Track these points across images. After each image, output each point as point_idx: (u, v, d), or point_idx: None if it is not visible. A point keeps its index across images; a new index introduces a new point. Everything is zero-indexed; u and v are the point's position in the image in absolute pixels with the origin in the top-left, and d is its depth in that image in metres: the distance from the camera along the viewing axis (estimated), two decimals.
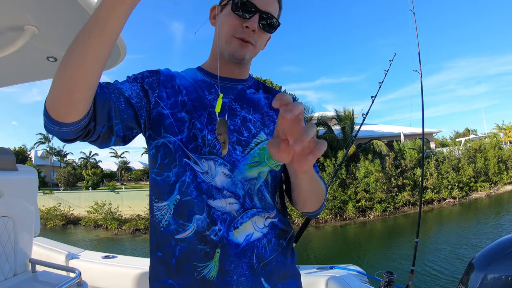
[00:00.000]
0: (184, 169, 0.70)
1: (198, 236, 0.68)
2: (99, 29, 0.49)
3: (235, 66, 0.80)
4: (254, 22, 0.72)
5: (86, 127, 0.58)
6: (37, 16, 1.07)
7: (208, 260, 0.67)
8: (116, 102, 0.63)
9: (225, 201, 0.69)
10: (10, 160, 1.59)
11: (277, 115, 0.80)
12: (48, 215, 20.13)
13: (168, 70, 0.79)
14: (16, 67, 1.53)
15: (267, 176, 0.75)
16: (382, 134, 24.20)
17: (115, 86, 0.66)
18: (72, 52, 0.50)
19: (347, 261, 3.16)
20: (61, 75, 0.51)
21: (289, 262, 0.78)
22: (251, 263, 0.69)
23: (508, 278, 0.81)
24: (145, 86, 0.71)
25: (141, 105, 0.69)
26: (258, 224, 0.72)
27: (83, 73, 0.50)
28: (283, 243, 0.77)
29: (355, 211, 15.72)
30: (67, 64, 0.50)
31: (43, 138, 37.12)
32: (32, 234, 1.71)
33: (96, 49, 0.50)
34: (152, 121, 0.71)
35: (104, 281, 1.87)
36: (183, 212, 0.69)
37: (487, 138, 21.01)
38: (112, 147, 0.69)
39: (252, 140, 0.74)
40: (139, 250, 13.45)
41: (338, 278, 1.59)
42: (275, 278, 0.73)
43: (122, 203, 19.34)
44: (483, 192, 17.53)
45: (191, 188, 0.69)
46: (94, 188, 26.55)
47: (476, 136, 27.68)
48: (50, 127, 0.55)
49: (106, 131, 0.62)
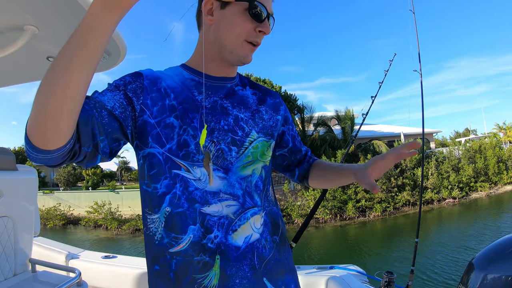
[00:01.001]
0: (174, 181, 0.67)
1: (194, 247, 0.66)
2: (83, 53, 0.46)
3: (228, 67, 0.77)
4: (269, 27, 0.71)
5: (71, 150, 0.55)
6: (37, 16, 1.07)
7: (208, 270, 0.66)
8: (98, 118, 0.59)
9: (221, 205, 0.68)
10: (10, 160, 1.59)
11: (266, 112, 0.81)
12: (48, 215, 20.13)
13: (151, 71, 0.73)
14: (16, 67, 1.53)
15: (261, 171, 0.75)
16: (382, 134, 24.21)
17: (96, 99, 0.61)
18: (52, 79, 0.47)
19: (347, 261, 3.16)
20: (41, 103, 0.47)
21: (285, 258, 0.78)
22: (252, 264, 0.68)
23: (508, 278, 0.81)
24: (129, 94, 0.66)
25: (126, 115, 0.64)
26: (255, 225, 0.71)
27: (66, 101, 0.47)
28: (276, 238, 0.77)
29: (355, 211, 15.72)
30: (47, 92, 0.47)
31: None
32: (32, 234, 1.71)
33: (80, 75, 0.47)
34: (138, 130, 0.67)
35: (104, 281, 1.87)
36: (174, 224, 0.66)
37: (487, 138, 21.01)
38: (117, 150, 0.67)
39: (246, 139, 0.73)
40: (139, 250, 13.45)
41: (338, 278, 1.58)
42: (275, 275, 0.73)
43: (122, 203, 19.34)
44: (483, 192, 17.53)
45: (182, 200, 0.67)
46: (94, 188, 26.55)
47: (476, 136, 27.70)
48: (34, 156, 0.52)
49: (92, 150, 0.60)
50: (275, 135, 0.82)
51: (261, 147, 0.75)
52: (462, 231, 11.95)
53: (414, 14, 3.06)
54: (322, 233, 14.65)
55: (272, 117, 0.82)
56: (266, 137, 0.77)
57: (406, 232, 12.77)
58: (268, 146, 0.77)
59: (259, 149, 0.75)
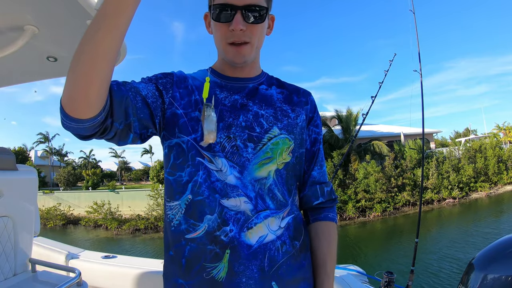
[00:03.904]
0: (197, 169, 0.69)
1: (209, 236, 0.67)
2: (107, 24, 0.49)
3: (243, 68, 0.79)
4: (237, 22, 0.68)
5: (103, 123, 0.59)
6: (37, 16, 1.07)
7: (218, 261, 0.66)
8: (133, 100, 0.64)
9: (240, 200, 0.68)
10: (10, 160, 1.58)
11: (291, 109, 0.79)
12: (48, 215, 20.13)
13: (181, 72, 0.79)
14: (16, 67, 1.53)
15: (275, 175, 0.73)
16: (382, 134, 24.20)
17: (132, 85, 0.67)
18: (82, 49, 0.50)
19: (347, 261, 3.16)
20: (73, 73, 0.52)
21: (303, 265, 0.75)
22: (262, 265, 0.67)
23: (508, 278, 0.81)
24: (159, 87, 0.72)
25: (156, 105, 0.70)
26: (271, 226, 0.70)
27: (94, 69, 0.51)
28: (297, 244, 0.74)
29: (355, 211, 15.71)
30: (78, 62, 0.51)
31: (42, 138, 37.13)
32: (32, 234, 1.71)
33: (106, 45, 0.50)
34: (166, 121, 0.72)
35: (104, 281, 1.87)
36: (194, 212, 0.69)
37: (487, 138, 21.01)
38: (127, 145, 0.69)
39: (265, 135, 0.73)
40: (139, 250, 13.45)
41: (338, 278, 1.58)
42: (287, 282, 0.70)
43: (122, 203, 19.34)
44: (483, 192, 17.53)
45: (203, 188, 0.69)
46: (94, 188, 26.55)
47: (476, 136, 27.69)
48: (67, 124, 0.56)
49: (123, 128, 0.63)
50: (298, 133, 0.78)
51: (282, 145, 0.74)
52: (462, 231, 11.95)
53: (414, 14, 3.06)
54: None
55: (298, 115, 0.80)
56: (290, 135, 0.76)
57: (406, 232, 12.77)
58: (288, 145, 0.75)
59: (280, 146, 0.73)
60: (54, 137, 37.56)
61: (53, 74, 1.60)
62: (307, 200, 0.83)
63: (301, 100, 0.83)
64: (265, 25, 0.76)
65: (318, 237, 0.80)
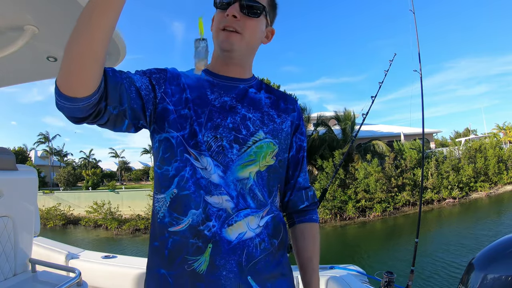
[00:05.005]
0: (185, 164, 0.72)
1: (192, 230, 0.70)
2: (103, 4, 0.51)
3: (234, 65, 0.81)
4: (232, 8, 0.74)
5: (97, 104, 0.60)
6: (37, 16, 1.07)
7: (199, 254, 0.69)
8: (127, 89, 0.66)
9: (222, 198, 0.71)
10: (10, 160, 1.59)
11: (277, 114, 0.82)
12: (48, 215, 20.13)
13: (174, 69, 0.81)
14: (16, 67, 1.53)
15: (256, 176, 0.76)
16: (382, 134, 24.21)
17: (127, 74, 0.69)
18: (78, 25, 0.52)
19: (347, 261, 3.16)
20: (68, 50, 0.53)
21: (280, 262, 0.79)
22: (240, 261, 0.71)
23: (508, 278, 0.81)
24: (153, 81, 0.74)
25: (149, 98, 0.72)
26: (251, 224, 0.73)
27: (89, 46, 0.52)
28: (275, 242, 0.78)
29: (355, 211, 15.71)
30: (73, 40, 0.52)
31: (43, 138, 37.14)
32: (32, 234, 1.71)
33: (101, 22, 0.52)
34: (157, 115, 0.74)
35: (104, 281, 1.88)
36: (179, 206, 0.71)
37: (487, 138, 21.00)
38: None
39: (250, 138, 0.75)
40: (139, 250, 13.45)
41: (338, 278, 1.59)
42: (264, 277, 0.74)
43: (122, 203, 19.33)
44: (483, 192, 17.53)
45: (189, 183, 0.71)
46: (94, 188, 26.56)
47: (476, 136, 27.69)
48: (61, 104, 0.57)
49: (117, 113, 0.65)
50: (282, 138, 0.82)
51: (266, 148, 0.77)
52: (462, 231, 11.95)
53: (414, 14, 3.06)
54: (322, 233, 14.58)
55: (284, 121, 0.83)
56: (274, 140, 0.79)
57: (406, 232, 12.77)
58: (272, 150, 0.78)
59: (264, 149, 0.76)
60: (54, 137, 37.60)
61: (53, 74, 1.60)
62: (293, 204, 0.88)
63: (288, 107, 0.87)
64: (260, 24, 0.79)
65: (303, 237, 0.86)
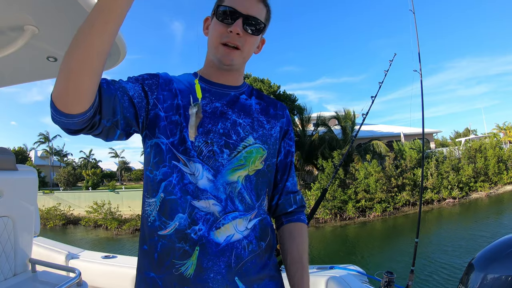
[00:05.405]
0: (172, 171, 0.73)
1: (178, 234, 0.71)
2: (101, 20, 0.51)
3: (227, 73, 0.83)
4: (237, 26, 0.75)
5: (92, 119, 0.61)
6: (37, 16, 1.07)
7: (186, 259, 0.70)
8: (121, 99, 0.67)
9: (209, 202, 0.72)
10: (10, 160, 1.59)
11: (266, 120, 0.85)
12: (48, 215, 20.12)
13: (166, 74, 0.82)
14: (16, 67, 1.53)
15: (245, 180, 0.77)
16: (382, 134, 24.22)
17: (120, 84, 0.70)
18: (76, 43, 0.52)
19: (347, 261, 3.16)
20: (65, 67, 0.53)
21: (267, 264, 0.80)
22: (229, 262, 0.72)
23: (508, 278, 0.81)
24: (145, 88, 0.75)
25: (141, 105, 0.73)
26: (239, 227, 0.74)
27: (86, 64, 0.53)
28: (263, 244, 0.79)
29: (355, 211, 15.72)
30: (71, 56, 0.52)
31: (43, 138, 37.12)
32: (32, 234, 1.71)
33: (99, 41, 0.52)
34: (149, 121, 0.76)
35: (104, 281, 1.88)
36: (166, 210, 0.73)
37: (487, 138, 21.00)
38: (114, 142, 0.71)
39: (240, 143, 0.77)
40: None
41: (338, 278, 1.59)
42: (251, 278, 0.75)
43: (122, 203, 19.34)
44: (483, 192, 17.54)
45: (176, 189, 0.72)
46: (94, 188, 26.55)
47: (476, 136, 27.69)
48: (57, 118, 0.58)
49: (111, 125, 0.66)
50: (271, 144, 0.84)
51: (256, 153, 0.79)
52: (462, 231, 11.95)
53: (414, 14, 3.06)
54: (322, 233, 14.65)
55: (273, 127, 0.85)
56: (264, 145, 0.81)
57: (406, 232, 12.77)
58: (262, 154, 0.80)
59: (253, 154, 0.78)
60: (55, 137, 37.58)
61: (53, 74, 1.60)
62: (281, 208, 0.89)
63: (278, 113, 0.89)
64: (258, 40, 0.82)
65: (292, 236, 0.87)
